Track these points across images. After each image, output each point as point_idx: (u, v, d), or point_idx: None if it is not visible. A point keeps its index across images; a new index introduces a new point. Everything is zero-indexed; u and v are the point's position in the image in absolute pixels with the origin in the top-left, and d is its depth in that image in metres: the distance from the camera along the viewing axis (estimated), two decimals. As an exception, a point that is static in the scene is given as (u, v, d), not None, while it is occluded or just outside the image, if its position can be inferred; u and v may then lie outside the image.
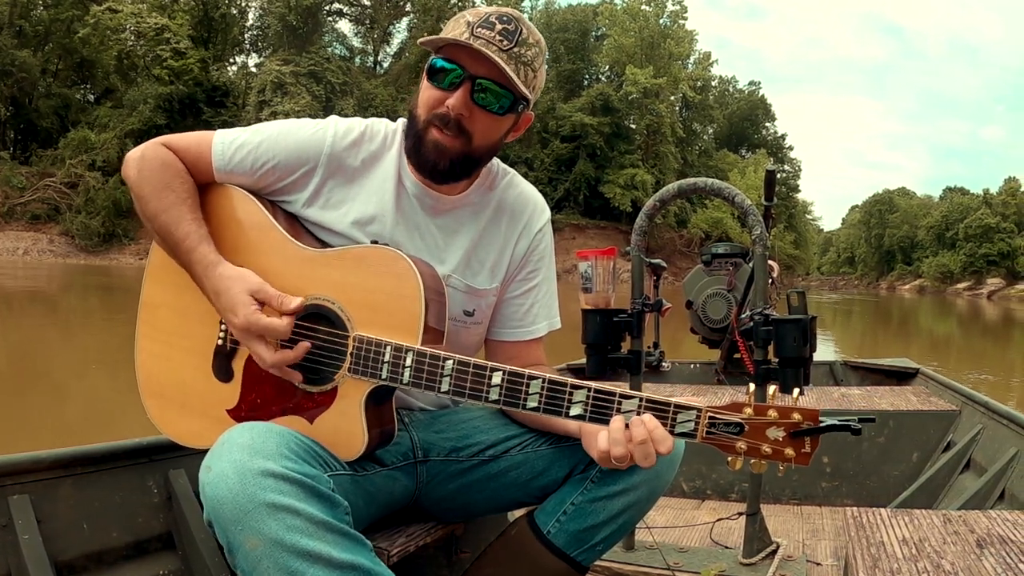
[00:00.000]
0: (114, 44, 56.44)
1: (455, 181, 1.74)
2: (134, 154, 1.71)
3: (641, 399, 1.42)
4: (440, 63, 1.63)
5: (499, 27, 1.59)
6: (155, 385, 1.73)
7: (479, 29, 1.59)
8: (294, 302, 1.55)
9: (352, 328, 1.57)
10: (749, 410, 1.38)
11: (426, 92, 1.66)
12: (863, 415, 1.37)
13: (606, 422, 1.44)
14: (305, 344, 1.56)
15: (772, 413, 1.37)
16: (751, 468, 1.40)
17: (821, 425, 1.35)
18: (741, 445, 1.37)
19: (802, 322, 2.26)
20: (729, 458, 1.39)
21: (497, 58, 1.58)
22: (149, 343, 1.75)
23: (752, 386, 1.39)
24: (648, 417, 1.41)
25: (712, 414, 1.39)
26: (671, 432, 1.41)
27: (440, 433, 1.81)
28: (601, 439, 1.45)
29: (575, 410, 1.45)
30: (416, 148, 1.68)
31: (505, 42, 1.59)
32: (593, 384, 1.45)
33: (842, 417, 1.36)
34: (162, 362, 1.73)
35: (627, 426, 1.44)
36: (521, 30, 1.62)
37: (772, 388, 1.41)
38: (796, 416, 1.36)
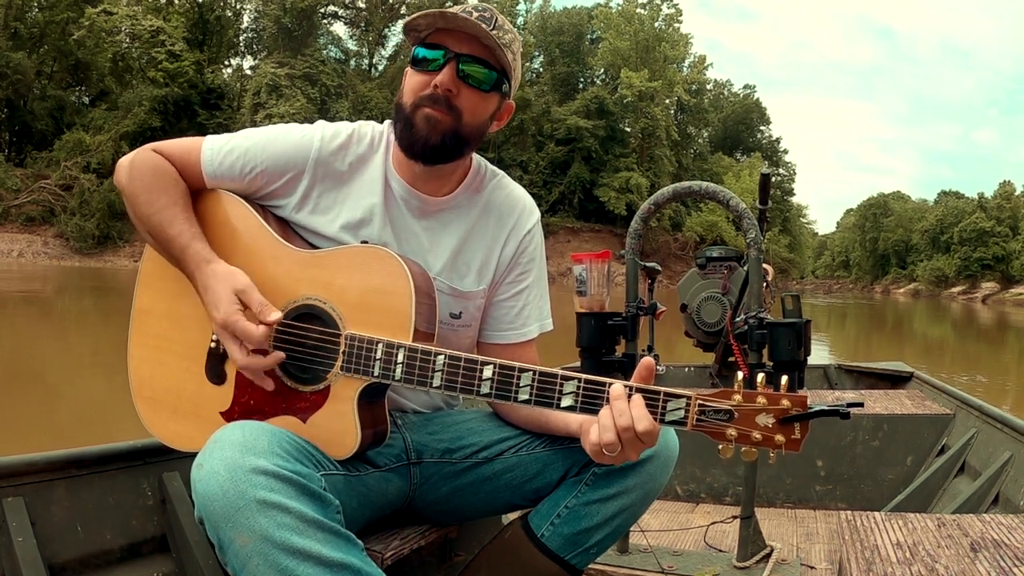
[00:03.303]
0: (109, 46, 56.41)
1: (446, 161, 1.74)
2: (125, 160, 1.73)
3: (631, 388, 1.43)
4: (423, 51, 1.67)
5: (476, 15, 1.64)
6: (148, 390, 1.73)
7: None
8: (273, 314, 1.56)
9: (344, 327, 1.57)
10: (738, 397, 1.38)
11: (411, 79, 1.69)
12: (852, 403, 1.38)
13: (597, 412, 1.45)
14: (279, 354, 1.57)
15: (761, 400, 1.38)
16: (743, 456, 1.40)
17: (810, 410, 1.36)
18: (731, 432, 1.38)
19: (796, 325, 2.26)
20: (720, 446, 1.39)
21: (481, 25, 1.62)
22: (141, 349, 1.76)
23: (740, 375, 1.40)
24: (636, 397, 1.42)
25: (702, 401, 1.39)
26: (661, 421, 1.41)
27: (434, 435, 1.81)
28: (592, 432, 1.45)
29: (566, 401, 1.45)
30: (407, 129, 1.69)
31: (484, 26, 1.63)
32: (583, 375, 1.46)
33: (837, 422, 1.36)
34: (154, 367, 1.73)
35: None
36: (496, 18, 1.67)
37: (760, 376, 1.41)
38: (785, 402, 1.36)
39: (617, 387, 1.43)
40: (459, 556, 2.21)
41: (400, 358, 1.52)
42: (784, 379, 1.39)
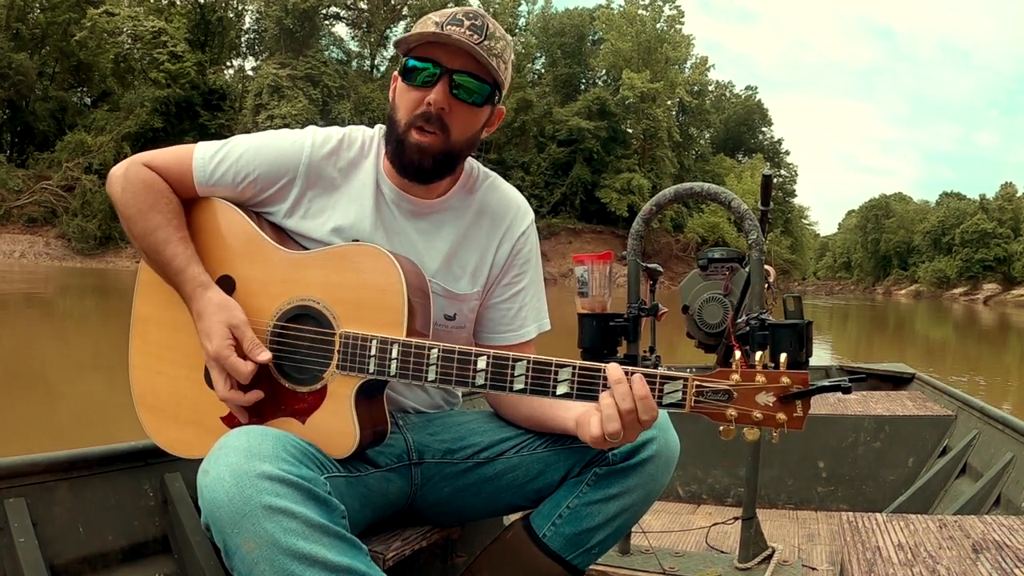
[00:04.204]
0: (111, 47, 56.51)
1: (439, 179, 1.75)
2: (117, 171, 1.73)
3: (628, 372, 1.43)
4: (414, 63, 1.66)
5: (467, 23, 1.63)
6: (149, 398, 1.75)
7: (449, 27, 1.63)
8: (263, 355, 1.58)
9: (338, 326, 1.58)
10: (736, 376, 1.36)
11: (404, 95, 1.68)
12: (855, 377, 1.36)
13: (594, 398, 1.44)
14: (258, 393, 1.59)
15: (760, 378, 1.35)
16: (745, 436, 1.38)
17: (811, 387, 1.34)
18: (731, 412, 1.36)
19: (798, 327, 2.26)
20: (721, 427, 1.37)
21: (475, 46, 1.61)
22: (142, 357, 1.77)
23: (738, 354, 1.38)
24: (636, 377, 1.41)
25: (699, 382, 1.38)
26: (659, 403, 1.41)
27: (435, 435, 1.81)
28: (594, 422, 1.45)
29: (562, 388, 1.45)
30: (398, 152, 1.69)
31: (475, 36, 1.63)
32: (577, 362, 1.45)
33: (839, 423, 1.35)
34: (155, 375, 1.74)
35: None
36: (488, 25, 1.66)
37: (759, 354, 1.39)
38: (785, 380, 1.34)
39: (616, 371, 1.42)
40: (460, 557, 2.21)
41: (394, 353, 1.53)
42: (783, 356, 1.37)
